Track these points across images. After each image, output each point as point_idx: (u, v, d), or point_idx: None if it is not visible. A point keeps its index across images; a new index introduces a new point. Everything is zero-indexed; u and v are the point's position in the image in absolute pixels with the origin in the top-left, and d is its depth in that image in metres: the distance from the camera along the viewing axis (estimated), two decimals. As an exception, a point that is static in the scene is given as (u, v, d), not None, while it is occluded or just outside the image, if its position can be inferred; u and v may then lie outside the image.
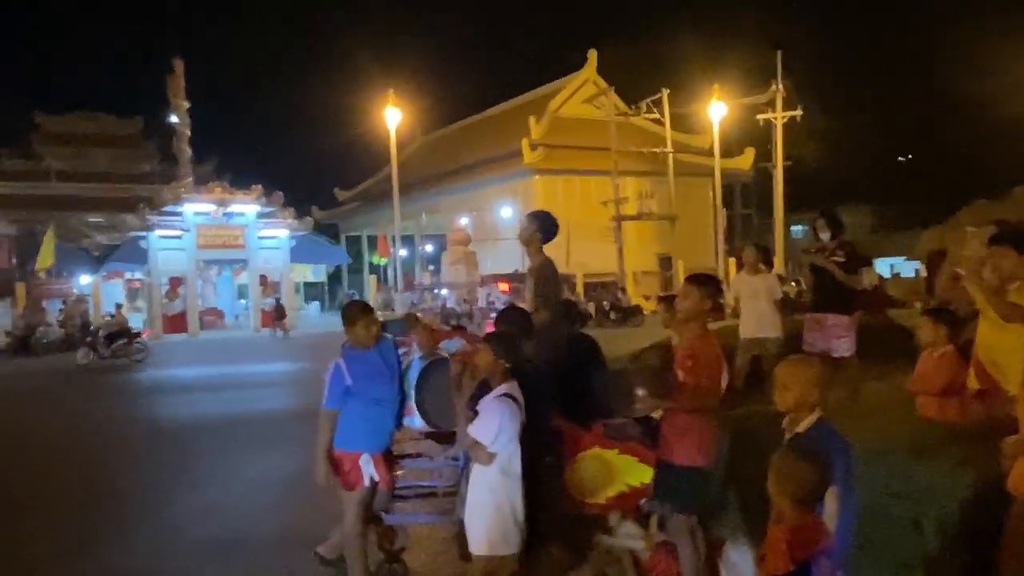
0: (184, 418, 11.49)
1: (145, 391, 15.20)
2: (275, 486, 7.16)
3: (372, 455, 4.37)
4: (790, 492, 2.69)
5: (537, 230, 5.33)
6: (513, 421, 3.67)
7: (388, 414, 4.43)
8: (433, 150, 57.78)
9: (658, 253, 44.98)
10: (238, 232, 33.15)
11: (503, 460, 3.70)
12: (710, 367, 3.86)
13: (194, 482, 7.41)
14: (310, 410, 11.18)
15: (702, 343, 3.92)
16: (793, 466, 2.71)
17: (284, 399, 13.11)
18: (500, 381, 3.76)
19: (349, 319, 4.43)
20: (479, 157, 47.16)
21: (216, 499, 6.81)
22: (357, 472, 4.36)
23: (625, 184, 40.27)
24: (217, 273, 38.37)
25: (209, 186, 32.83)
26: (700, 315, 3.98)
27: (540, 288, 5.14)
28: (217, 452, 8.85)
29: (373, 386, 4.36)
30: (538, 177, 42.87)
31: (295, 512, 6.30)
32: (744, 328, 7.56)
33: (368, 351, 4.39)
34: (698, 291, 3.97)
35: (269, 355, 21.96)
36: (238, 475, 7.66)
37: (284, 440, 9.39)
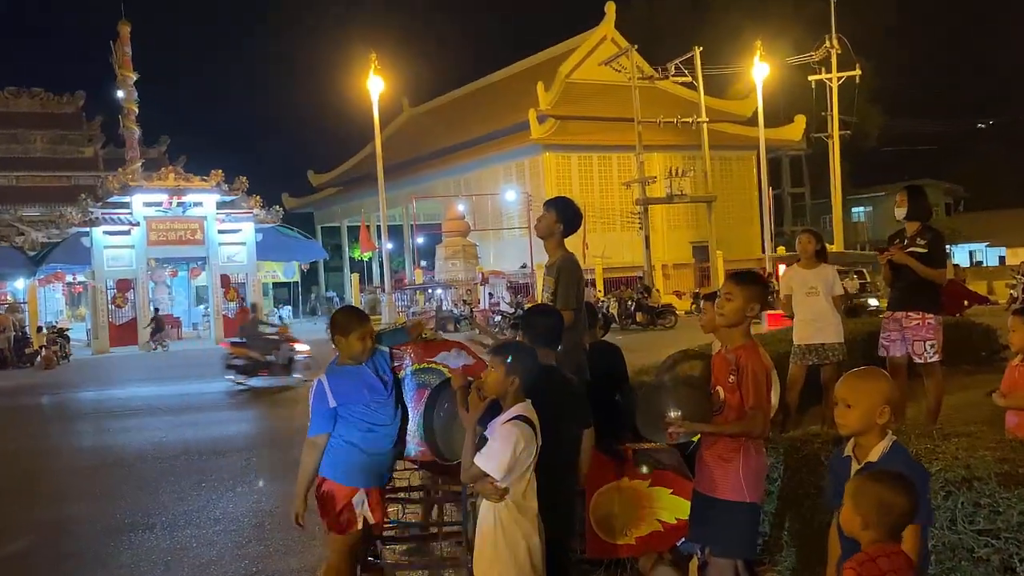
0: (137, 446, 11.53)
1: (89, 415, 15.26)
2: (245, 527, 7.17)
3: (368, 492, 4.35)
4: (876, 521, 2.70)
5: (558, 220, 5.32)
6: (528, 449, 3.67)
7: (387, 442, 4.39)
8: (424, 125, 57.85)
9: (692, 242, 44.98)
10: (195, 225, 33.27)
11: (516, 495, 3.69)
12: (757, 382, 3.82)
13: (151, 523, 7.43)
14: (283, 436, 11.27)
15: (746, 353, 3.88)
16: (880, 491, 2.73)
17: (253, 423, 13.14)
18: (513, 402, 3.75)
19: (341, 329, 4.37)
20: (478, 132, 47.18)
21: (177, 542, 6.83)
22: (349, 512, 4.33)
23: (652, 161, 40.26)
24: (172, 274, 38.48)
25: (161, 172, 32.97)
26: (745, 321, 3.96)
27: (563, 290, 5.13)
28: (176, 486, 8.87)
29: (367, 408, 4.33)
30: (548, 154, 42.89)
31: (269, 557, 6.31)
32: (798, 333, 7.53)
33: (359, 367, 4.38)
34: (743, 292, 3.94)
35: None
36: (202, 513, 7.68)
37: (253, 472, 9.42)
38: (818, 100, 39.81)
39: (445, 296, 37.76)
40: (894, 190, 7.30)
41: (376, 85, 35.43)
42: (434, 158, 50.51)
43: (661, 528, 4.53)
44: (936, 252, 6.86)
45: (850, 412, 3.13)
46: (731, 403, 3.86)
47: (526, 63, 52.76)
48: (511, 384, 3.72)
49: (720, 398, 3.92)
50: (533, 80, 43.80)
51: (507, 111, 45.80)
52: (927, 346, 6.86)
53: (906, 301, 6.95)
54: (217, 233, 33.60)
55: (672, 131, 38.02)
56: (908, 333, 6.90)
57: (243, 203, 34.10)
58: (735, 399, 3.84)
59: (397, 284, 43.09)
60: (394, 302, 37.20)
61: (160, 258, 34.08)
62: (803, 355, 7.45)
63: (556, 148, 42.79)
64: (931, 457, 4.01)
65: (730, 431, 3.84)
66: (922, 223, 6.99)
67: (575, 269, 5.30)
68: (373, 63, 35.61)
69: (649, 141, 37.41)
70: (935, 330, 6.88)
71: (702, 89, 36.59)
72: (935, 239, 6.91)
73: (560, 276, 5.22)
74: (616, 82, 40.85)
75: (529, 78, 45.90)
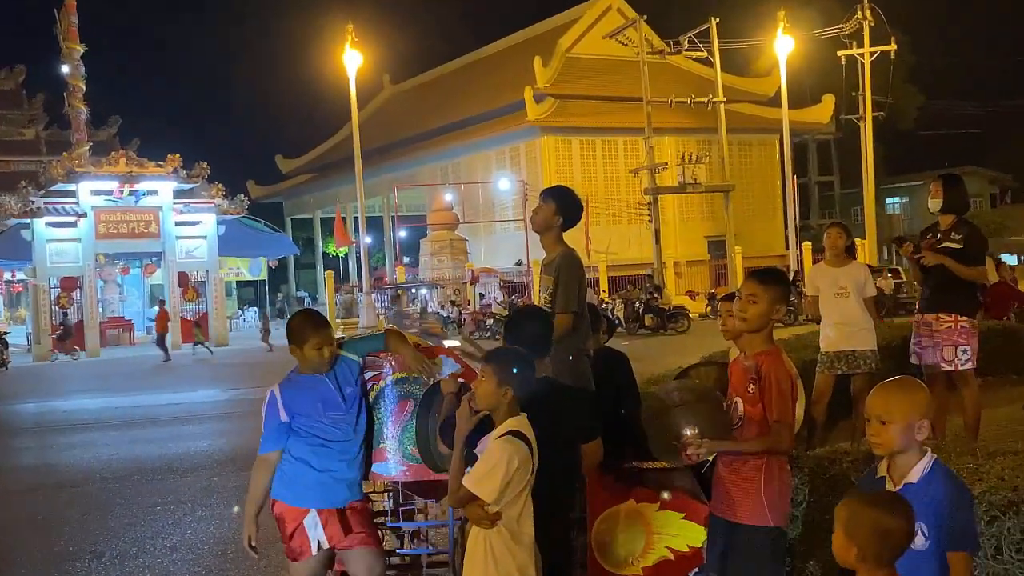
0: (83, 465, 11.51)
1: (29, 430, 15.23)
2: (206, 556, 7.17)
3: (320, 512, 4.35)
4: (875, 550, 2.72)
5: (557, 213, 5.32)
6: (523, 468, 3.67)
7: (343, 459, 4.40)
8: (407, 104, 57.88)
9: (707, 237, 45.10)
10: (149, 217, 33.23)
11: (510, 520, 3.69)
12: (781, 392, 3.82)
13: (98, 551, 7.42)
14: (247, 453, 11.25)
15: (769, 360, 3.88)
16: (877, 516, 2.75)
17: (214, 439, 13.13)
18: (506, 416, 3.75)
19: (295, 338, 4.40)
20: (468, 112, 47.23)
21: (129, 573, 6.82)
22: (302, 536, 4.34)
23: (662, 146, 40.35)
24: (123, 271, 38.44)
25: (111, 157, 32.90)
26: (769, 325, 3.96)
27: (562, 290, 5.13)
28: (127, 510, 8.86)
29: (321, 424, 4.35)
30: (546, 138, 42.95)
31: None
32: (826, 338, 7.55)
33: (318, 377, 4.39)
34: (768, 293, 3.92)
35: (193, 380, 22.00)
36: (156, 541, 7.67)
37: (214, 494, 9.42)
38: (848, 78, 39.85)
39: (430, 297, 37.77)
40: (933, 179, 7.33)
41: (353, 60, 35.43)
42: (418, 142, 50.53)
43: (671, 556, 4.53)
44: (972, 248, 6.89)
45: (885, 429, 3.11)
46: (752, 416, 3.87)
47: (522, 35, 52.83)
48: (504, 396, 3.72)
49: (739, 411, 3.93)
50: (530, 55, 43.87)
51: (501, 89, 45.84)
52: (959, 352, 6.88)
53: (938, 302, 6.98)
54: (174, 225, 33.57)
55: (685, 112, 38.08)
56: (939, 337, 6.93)
57: (203, 192, 34.08)
58: (756, 411, 3.85)
59: (376, 283, 43.10)
60: (373, 303, 37.17)
61: (110, 253, 34.02)
62: (831, 363, 7.47)
63: (555, 131, 42.85)
64: (973, 478, 4.02)
65: (753, 448, 3.84)
66: (958, 216, 7.02)
67: (576, 267, 5.29)
68: (350, 35, 35.61)
69: (659, 123, 37.50)
70: (969, 334, 6.91)
71: (719, 65, 36.66)
72: (972, 234, 6.93)
73: (560, 274, 5.21)
74: (623, 57, 40.91)
75: (525, 52, 45.97)
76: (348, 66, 35.44)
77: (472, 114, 46.80)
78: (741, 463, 3.89)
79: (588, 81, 43.28)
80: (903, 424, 3.09)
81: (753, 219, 45.47)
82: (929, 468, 3.09)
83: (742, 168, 45.05)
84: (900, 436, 3.10)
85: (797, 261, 36.49)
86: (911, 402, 3.12)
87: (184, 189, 33.63)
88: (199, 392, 19.31)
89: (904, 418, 3.09)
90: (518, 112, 42.52)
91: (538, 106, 41.87)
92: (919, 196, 53.63)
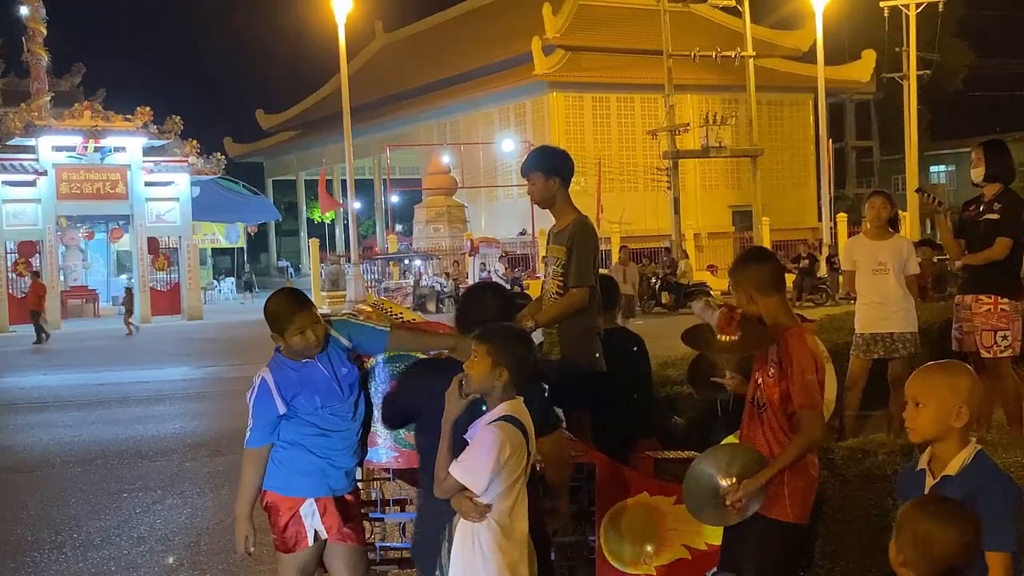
0: (42, 448, 11.56)
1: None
2: (177, 548, 7.21)
3: (318, 501, 4.38)
4: (914, 559, 2.74)
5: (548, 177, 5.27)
6: (516, 457, 3.69)
7: (342, 446, 4.42)
8: (401, 55, 57.64)
9: (732, 206, 45.03)
10: (116, 176, 33.15)
11: (501, 514, 3.71)
12: (804, 375, 3.83)
13: (59, 541, 7.46)
14: (220, 437, 11.31)
15: (791, 339, 3.89)
16: (923, 522, 2.77)
17: (184, 421, 13.19)
18: (500, 399, 3.77)
19: (274, 324, 4.34)
20: (468, 65, 47.04)
21: (92, 565, 6.87)
22: (297, 526, 4.36)
23: (684, 105, 40.18)
24: (87, 236, 38.44)
25: (75, 109, 32.79)
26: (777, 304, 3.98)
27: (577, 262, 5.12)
28: (90, 497, 8.90)
29: (316, 412, 4.34)
30: (555, 94, 42.81)
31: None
32: (862, 319, 7.55)
33: (308, 362, 4.38)
34: (740, 284, 4.09)
35: (163, 356, 22.05)
36: (122, 530, 7.71)
37: (185, 480, 9.45)
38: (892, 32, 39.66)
39: (425, 268, 37.78)
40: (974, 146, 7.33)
41: (342, 5, 35.26)
42: (413, 97, 50.37)
43: (688, 555, 4.56)
44: (1009, 219, 6.90)
45: (920, 413, 3.14)
46: (773, 402, 3.88)
47: (530, -21, 52.54)
48: (499, 378, 3.74)
49: (762, 393, 3.96)
50: (538, 1, 43.62)
51: (505, 40, 45.63)
52: (998, 337, 6.91)
53: (977, 283, 7.01)
54: (143, 186, 33.48)
55: (710, 68, 37.90)
56: (978, 320, 6.96)
57: (176, 149, 33.97)
58: (776, 396, 3.86)
59: (366, 253, 43.10)
60: (362, 275, 37.22)
61: (73, 216, 33.99)
62: (867, 346, 7.47)
63: (565, 86, 42.69)
64: (1020, 472, 4.04)
65: (791, 457, 3.86)
66: (1004, 185, 7.02)
67: (592, 235, 5.28)
68: (339, -24, 35.43)
69: (681, 80, 37.31)
70: (1010, 318, 6.93)
71: (748, 16, 36.44)
72: (1011, 204, 6.93)
73: (574, 245, 5.19)
74: (641, 5, 40.72)
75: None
76: (336, 12, 35.26)
77: (473, 67, 46.60)
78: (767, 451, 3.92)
79: (603, 31, 43.07)
80: (939, 408, 3.10)
81: (783, 188, 45.37)
82: (971, 459, 3.10)
83: (772, 131, 44.89)
84: (935, 421, 3.12)
85: (831, 234, 36.43)
86: (950, 385, 3.13)
87: (155, 146, 33.52)
88: (170, 369, 19.35)
89: (940, 401, 3.10)
90: (524, 65, 42.33)
91: (547, 59, 41.70)
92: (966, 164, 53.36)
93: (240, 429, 4.53)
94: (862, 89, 49.22)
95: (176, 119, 33.58)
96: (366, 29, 58.85)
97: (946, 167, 59.51)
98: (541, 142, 39.23)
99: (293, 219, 63.58)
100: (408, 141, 49.61)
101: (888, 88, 45.16)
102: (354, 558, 4.46)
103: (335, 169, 52.10)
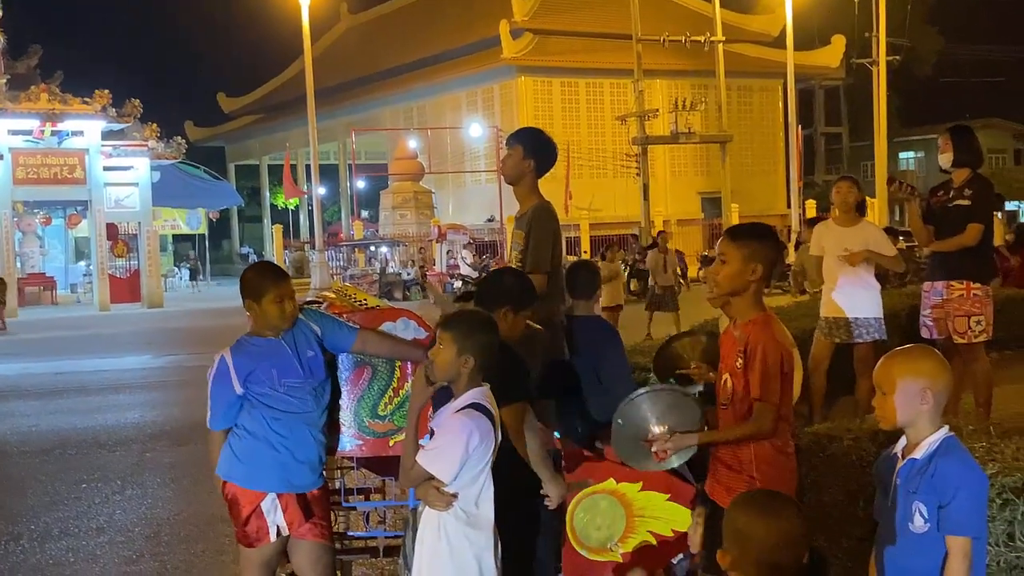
0: (1, 439, 11.45)
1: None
2: (137, 539, 7.18)
3: (280, 497, 4.36)
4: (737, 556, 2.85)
5: (526, 156, 5.30)
6: (484, 445, 3.70)
7: (303, 434, 4.39)
8: (367, 38, 57.38)
9: (701, 193, 45.22)
10: (74, 160, 32.85)
11: (468, 502, 3.73)
12: (765, 367, 3.75)
13: (16, 532, 7.41)
14: (180, 427, 11.27)
15: (757, 329, 3.84)
16: (737, 517, 2.87)
17: (144, 410, 13.13)
18: (467, 386, 3.78)
19: (251, 291, 4.34)
20: (436, 48, 46.90)
21: (50, 556, 6.83)
22: (259, 520, 4.34)
23: (653, 90, 40.30)
24: (44, 222, 38.07)
25: (31, 92, 32.41)
26: (748, 288, 3.93)
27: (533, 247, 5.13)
28: (48, 487, 8.85)
29: (275, 393, 4.32)
30: (523, 78, 42.77)
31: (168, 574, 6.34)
32: (826, 303, 7.65)
33: (273, 340, 4.37)
34: (740, 251, 3.88)
35: (122, 345, 21.90)
36: (81, 521, 7.68)
37: (146, 470, 9.42)
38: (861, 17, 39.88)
39: (391, 255, 37.68)
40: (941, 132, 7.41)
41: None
42: (379, 81, 50.16)
43: (654, 541, 4.59)
44: (980, 205, 6.98)
45: (886, 400, 3.16)
46: (739, 393, 3.84)
47: (497, -39, 52.44)
48: (464, 365, 3.74)
49: (728, 388, 3.91)
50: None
51: (473, 23, 45.54)
52: (972, 322, 6.98)
53: (948, 268, 7.08)
54: (102, 171, 33.20)
55: (680, 53, 38.00)
56: (950, 307, 7.03)
57: (135, 133, 33.69)
58: (742, 387, 3.82)
59: (331, 239, 42.95)
60: (327, 262, 37.08)
61: (29, 201, 33.64)
62: (830, 330, 7.56)
63: (534, 71, 42.66)
64: (986, 459, 4.09)
65: (731, 436, 3.83)
66: (973, 170, 7.10)
67: (550, 220, 5.27)
68: (303, -43, 35.17)
69: (651, 65, 37.37)
70: (983, 303, 7.01)
71: (717, 0, 36.57)
72: (980, 189, 7.02)
73: (531, 229, 5.19)
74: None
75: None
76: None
77: (440, 50, 46.47)
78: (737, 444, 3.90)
79: (571, 15, 43.06)
80: (903, 394, 3.13)
81: (752, 174, 45.60)
82: (937, 444, 3.12)
83: (741, 117, 45.11)
84: (901, 407, 3.14)
85: (800, 220, 36.66)
86: (912, 370, 3.15)
87: (114, 130, 33.23)
88: (130, 358, 19.23)
89: (903, 387, 3.13)
90: (492, 49, 42.26)
91: (515, 42, 41.64)
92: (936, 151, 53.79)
93: (201, 419, 4.52)
94: (831, 75, 49.55)
95: (135, 102, 33.29)
96: (331, 10, 58.45)
97: (915, 153, 59.97)
98: (510, 127, 39.14)
99: (256, 205, 63.21)
100: (374, 125, 49.41)
101: (857, 74, 45.49)
102: (316, 553, 4.44)
103: (299, 153, 51.84)
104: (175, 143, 35.32)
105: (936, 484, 3.02)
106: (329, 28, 60.54)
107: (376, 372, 4.75)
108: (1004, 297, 9.97)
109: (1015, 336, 10.18)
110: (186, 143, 37.54)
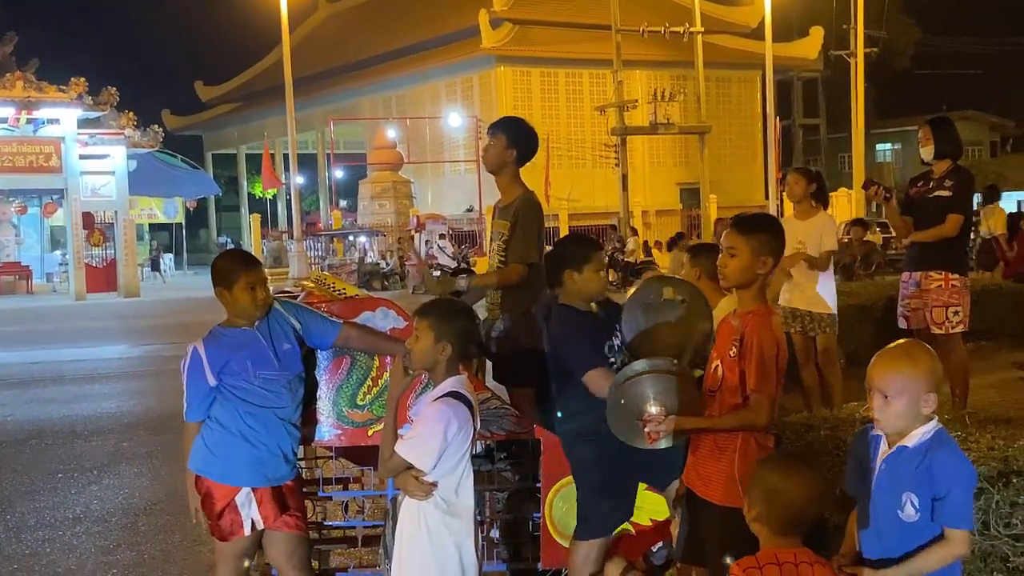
0: (-28, 428, 11.40)
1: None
2: (113, 529, 7.16)
3: (255, 491, 4.34)
4: (765, 513, 3.12)
5: (508, 146, 5.31)
6: (463, 433, 3.70)
7: (278, 428, 4.36)
8: (346, 26, 57.13)
9: (680, 183, 45.27)
10: (50, 149, 32.60)
11: (447, 491, 3.73)
12: (762, 359, 3.74)
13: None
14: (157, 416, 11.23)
15: (755, 321, 3.83)
16: (770, 477, 3.13)
17: (121, 400, 13.07)
18: (445, 375, 3.78)
19: (223, 278, 4.30)
20: (415, 37, 46.75)
21: (27, 547, 6.80)
22: (233, 515, 4.32)
23: (632, 81, 40.31)
24: (19, 211, 37.81)
25: (6, 79, 32.12)
26: (757, 280, 3.88)
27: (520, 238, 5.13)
28: (24, 477, 8.81)
29: (249, 385, 4.29)
30: (503, 68, 42.71)
31: (142, 565, 6.33)
32: (782, 294, 7.69)
33: (247, 331, 4.35)
34: (749, 243, 3.84)
35: (99, 334, 21.77)
36: (58, 511, 7.65)
37: (122, 460, 9.37)
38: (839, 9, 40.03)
39: (370, 245, 37.60)
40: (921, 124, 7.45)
41: (285, -26, 34.85)
42: (358, 70, 49.96)
43: (632, 530, 4.61)
44: (960, 196, 7.02)
45: (889, 405, 3.06)
46: (729, 382, 3.83)
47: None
48: (442, 353, 3.75)
49: (718, 375, 3.89)
50: (485, -27, 43.46)
51: (452, 12, 45.40)
52: (949, 313, 7.04)
53: (926, 259, 7.12)
54: (78, 159, 32.96)
55: (659, 43, 38.04)
56: (928, 297, 7.08)
57: (112, 121, 33.45)
58: (733, 377, 3.81)
59: (309, 229, 42.80)
60: (305, 252, 36.96)
61: (5, 189, 33.43)
62: (786, 319, 7.59)
63: (513, 61, 42.61)
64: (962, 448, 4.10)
65: (726, 425, 3.81)
66: (953, 161, 7.14)
67: (537, 212, 5.30)
68: (281, -55, 35.00)
69: (630, 55, 37.40)
70: (961, 294, 7.06)
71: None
72: (961, 180, 7.06)
73: (518, 220, 5.20)
74: (590, -21, 40.60)
75: (480, -30, 45.52)
76: (279, -20, 34.85)
77: (419, 39, 46.33)
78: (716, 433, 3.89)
79: (551, 5, 42.96)
80: (909, 400, 3.04)
81: (730, 165, 45.72)
82: (930, 435, 3.07)
83: (720, 108, 45.20)
84: (908, 413, 3.06)
85: (778, 211, 36.80)
86: (919, 374, 3.06)
87: (90, 118, 32.99)
88: (106, 347, 19.12)
89: (912, 393, 3.04)
90: (472, 39, 42.16)
91: (494, 32, 41.56)
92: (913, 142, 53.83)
93: (178, 409, 4.50)
94: (810, 67, 49.66)
95: (112, 90, 33.06)
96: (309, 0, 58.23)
97: (892, 145, 60.28)
98: (489, 117, 39.08)
99: (234, 194, 62.91)
100: (353, 114, 49.24)
101: (835, 66, 45.60)
102: (291, 545, 4.42)
103: (277, 143, 51.59)
104: (152, 131, 35.10)
105: (932, 477, 3.00)
106: (308, 16, 60.27)
107: (355, 362, 4.74)
108: (980, 288, 10.06)
109: (990, 328, 10.26)
110: (163, 132, 37.29)
